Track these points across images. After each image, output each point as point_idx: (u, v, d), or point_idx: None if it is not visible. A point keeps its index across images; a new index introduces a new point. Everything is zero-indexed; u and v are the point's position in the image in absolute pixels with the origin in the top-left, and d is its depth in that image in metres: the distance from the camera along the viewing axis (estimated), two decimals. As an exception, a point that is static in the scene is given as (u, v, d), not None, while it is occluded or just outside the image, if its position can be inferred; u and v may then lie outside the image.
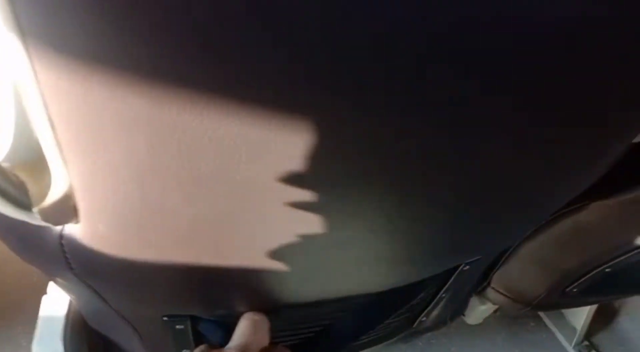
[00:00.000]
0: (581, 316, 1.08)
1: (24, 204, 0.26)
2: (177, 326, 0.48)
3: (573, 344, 1.09)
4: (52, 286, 0.63)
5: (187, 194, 0.26)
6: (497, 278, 0.73)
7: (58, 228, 0.30)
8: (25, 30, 0.19)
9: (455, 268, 0.55)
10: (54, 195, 0.26)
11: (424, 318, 0.67)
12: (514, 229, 0.44)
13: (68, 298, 0.59)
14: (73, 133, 0.22)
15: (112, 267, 0.32)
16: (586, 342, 1.10)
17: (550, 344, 1.12)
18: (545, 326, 1.15)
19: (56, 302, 0.59)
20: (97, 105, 0.21)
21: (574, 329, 1.10)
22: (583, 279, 0.67)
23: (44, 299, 0.60)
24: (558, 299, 0.73)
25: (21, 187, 0.25)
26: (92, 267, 0.33)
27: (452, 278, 0.56)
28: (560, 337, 1.13)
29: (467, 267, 0.54)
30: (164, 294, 0.39)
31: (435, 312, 0.66)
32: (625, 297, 1.06)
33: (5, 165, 0.25)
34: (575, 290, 0.70)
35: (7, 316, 1.22)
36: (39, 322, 0.57)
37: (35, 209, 0.26)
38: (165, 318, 0.46)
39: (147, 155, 0.23)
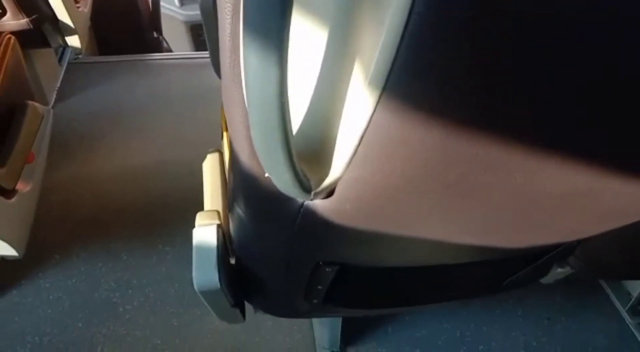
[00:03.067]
0: (637, 282, 1.16)
1: (304, 187, 0.34)
2: (327, 269, 0.57)
3: (627, 307, 1.17)
4: (199, 219, 0.72)
5: (428, 200, 0.34)
6: (582, 248, 0.80)
7: (301, 200, 0.38)
8: (387, 86, 0.25)
9: None
10: (326, 183, 0.34)
11: (513, 278, 0.76)
12: None
13: (215, 231, 0.69)
14: (370, 149, 0.30)
15: (330, 230, 0.41)
16: (640, 307, 1.18)
17: (603, 305, 1.21)
18: (601, 288, 1.24)
19: (206, 235, 0.68)
20: (403, 135, 0.28)
21: (629, 293, 1.18)
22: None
23: (195, 231, 0.69)
24: (631, 272, 0.80)
25: (304, 175, 0.33)
26: (312, 228, 0.41)
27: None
28: (614, 299, 1.21)
29: None
30: (349, 250, 0.48)
31: (526, 273, 0.74)
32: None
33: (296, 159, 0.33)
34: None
35: (153, 231, 1.35)
36: (195, 253, 0.67)
37: (313, 192, 0.34)
38: (321, 263, 0.55)
39: (414, 170, 0.31)
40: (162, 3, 2.66)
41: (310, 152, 0.33)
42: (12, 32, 1.36)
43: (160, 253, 1.30)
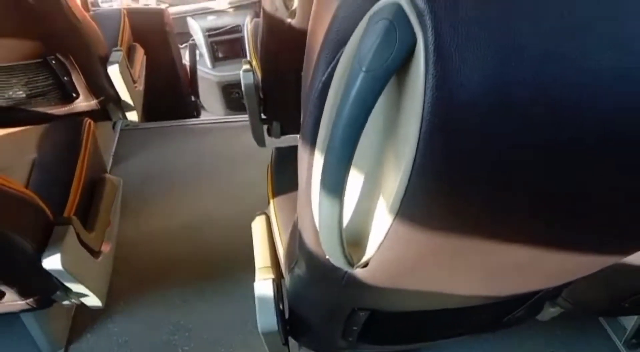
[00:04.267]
0: (632, 318, 1.31)
1: (349, 263, 0.53)
2: (361, 313, 0.76)
3: (622, 341, 1.32)
4: (258, 275, 0.92)
5: (434, 271, 0.53)
6: (567, 291, 0.97)
7: (345, 270, 0.58)
8: (399, 213, 0.45)
9: None
10: (363, 260, 0.54)
11: (510, 317, 0.93)
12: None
13: (272, 284, 0.88)
14: (391, 243, 0.49)
15: (365, 288, 0.60)
16: (634, 341, 1.33)
17: (601, 338, 1.36)
18: (599, 322, 1.39)
19: (266, 288, 0.87)
20: (413, 237, 0.48)
21: (624, 328, 1.33)
22: (635, 297, 0.91)
23: (256, 285, 0.89)
24: (613, 310, 0.97)
25: (350, 256, 0.53)
26: (352, 286, 0.61)
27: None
28: (610, 333, 1.36)
29: None
30: (377, 300, 0.67)
31: (521, 313, 0.92)
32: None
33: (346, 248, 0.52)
34: (627, 305, 0.93)
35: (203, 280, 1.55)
36: (257, 302, 0.86)
37: (355, 265, 0.53)
38: (356, 309, 0.74)
39: (423, 255, 0.50)
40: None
41: (354, 242, 0.53)
42: (82, 112, 1.61)
43: (210, 300, 1.50)
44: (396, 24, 0.36)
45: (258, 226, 1.10)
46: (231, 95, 3.25)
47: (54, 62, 1.44)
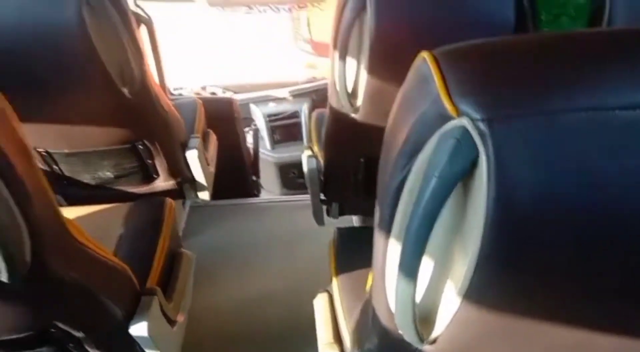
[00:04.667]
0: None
1: (420, 339, 0.60)
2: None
3: None
4: (322, 350, 0.98)
5: (495, 347, 0.60)
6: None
7: (416, 346, 0.65)
8: (465, 296, 0.53)
9: None
10: (432, 336, 0.60)
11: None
12: None
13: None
14: (457, 322, 0.56)
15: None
16: None
17: None
18: None
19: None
20: (478, 317, 0.55)
21: None
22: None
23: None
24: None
25: (421, 332, 0.60)
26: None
27: None
28: None
29: None
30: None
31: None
32: None
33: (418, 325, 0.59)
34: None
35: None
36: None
37: (425, 341, 0.60)
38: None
39: (485, 334, 0.57)
40: (257, 149, 3.13)
41: (424, 319, 0.60)
42: (160, 191, 1.77)
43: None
44: (462, 142, 0.46)
45: (321, 303, 1.17)
46: (288, 175, 3.41)
47: (140, 147, 1.61)
